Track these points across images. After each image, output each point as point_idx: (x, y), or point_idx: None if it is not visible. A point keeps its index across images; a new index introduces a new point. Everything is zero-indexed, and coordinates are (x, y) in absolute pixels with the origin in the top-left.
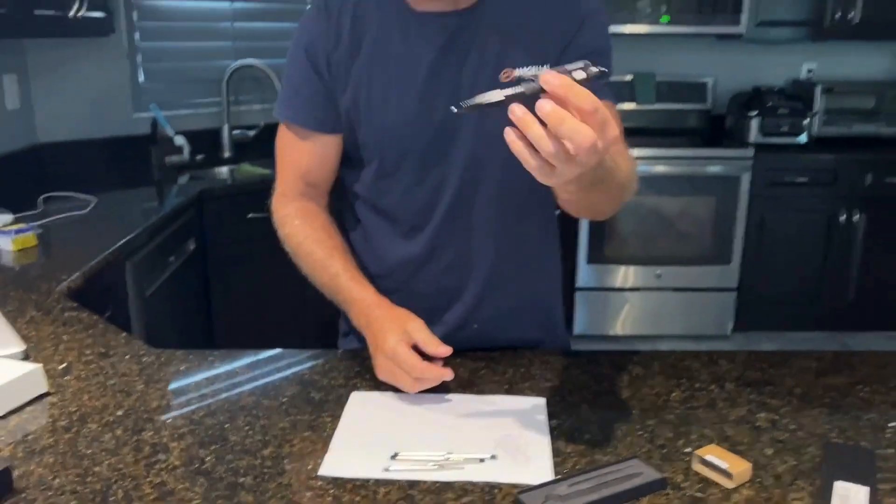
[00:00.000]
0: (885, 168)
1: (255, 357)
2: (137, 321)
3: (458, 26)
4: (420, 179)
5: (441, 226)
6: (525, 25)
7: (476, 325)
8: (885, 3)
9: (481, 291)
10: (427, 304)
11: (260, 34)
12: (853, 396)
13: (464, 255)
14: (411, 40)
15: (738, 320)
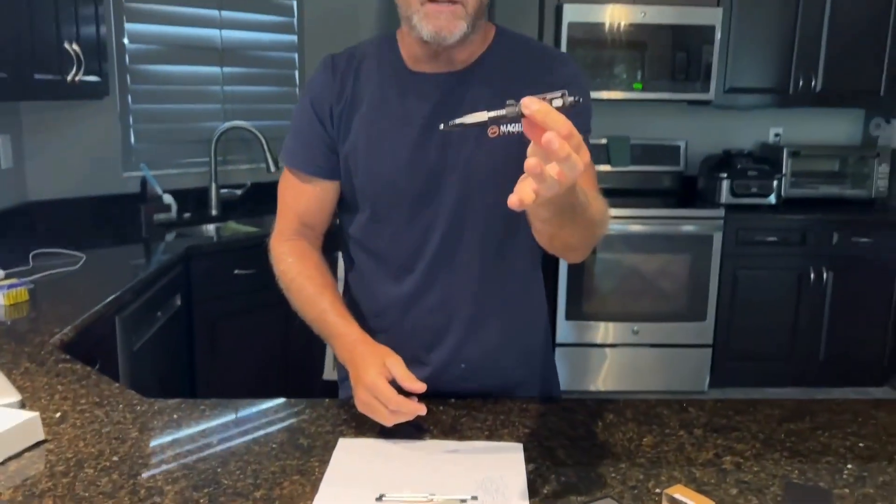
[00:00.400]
0: (851, 228)
1: (245, 406)
2: (125, 375)
3: (450, 85)
4: (409, 225)
5: (428, 268)
6: (511, 87)
7: (464, 365)
8: (844, 74)
9: (466, 331)
10: (415, 343)
11: (249, 97)
12: (813, 441)
13: (449, 296)
14: (408, 97)
15: (713, 376)
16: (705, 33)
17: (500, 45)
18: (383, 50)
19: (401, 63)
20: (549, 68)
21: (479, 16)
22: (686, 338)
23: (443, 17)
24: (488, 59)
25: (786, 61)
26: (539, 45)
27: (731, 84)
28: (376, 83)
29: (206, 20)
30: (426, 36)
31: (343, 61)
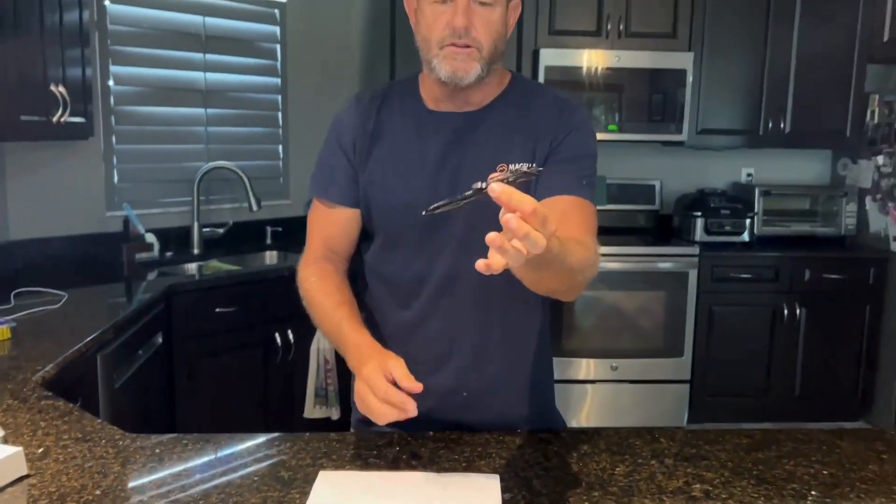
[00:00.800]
0: (823, 265)
1: (226, 440)
2: (105, 412)
3: (464, 125)
4: (417, 253)
5: (433, 296)
6: (521, 129)
7: (465, 394)
8: (811, 116)
9: (468, 360)
10: (420, 369)
11: (232, 138)
12: (779, 468)
13: (452, 324)
14: (424, 133)
15: (692, 412)
16: (677, 76)
17: (514, 90)
18: (406, 90)
19: (421, 103)
20: (559, 114)
21: (493, 60)
22: (664, 374)
23: (459, 59)
24: (502, 101)
25: (755, 103)
26: (552, 92)
27: (703, 125)
28: (397, 120)
29: (190, 63)
30: (444, 76)
31: (367, 99)
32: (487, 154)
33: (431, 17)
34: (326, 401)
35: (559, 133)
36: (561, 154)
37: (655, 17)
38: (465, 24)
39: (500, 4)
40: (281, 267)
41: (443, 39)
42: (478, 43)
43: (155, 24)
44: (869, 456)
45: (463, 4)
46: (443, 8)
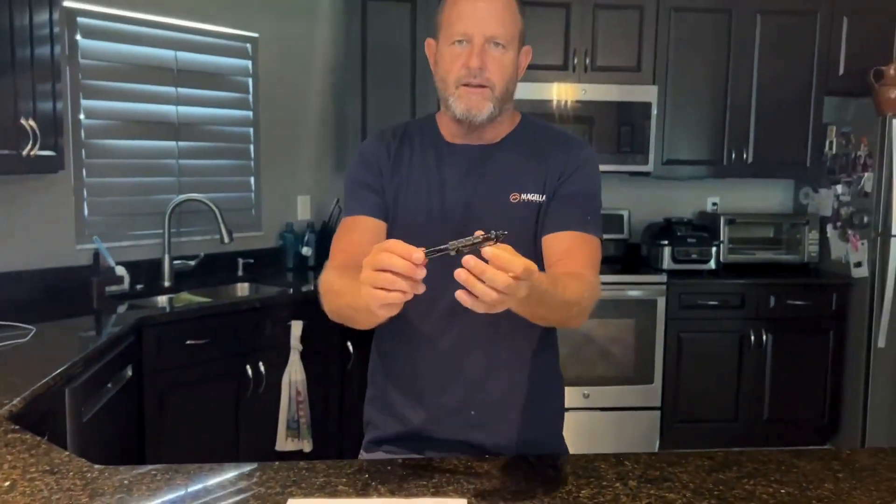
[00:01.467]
0: (787, 291)
1: (195, 471)
2: (73, 445)
3: (480, 156)
4: (431, 273)
5: (445, 315)
6: (533, 162)
7: (473, 412)
8: (772, 146)
9: (477, 378)
10: (430, 384)
11: (204, 171)
12: (739, 488)
13: (463, 344)
14: (442, 163)
15: (663, 438)
16: (643, 109)
17: (525, 128)
18: (425, 126)
19: (440, 137)
20: (568, 150)
21: (504, 100)
22: (635, 401)
23: (473, 98)
24: (514, 137)
25: (718, 135)
26: (560, 131)
27: (668, 156)
28: (418, 149)
29: (162, 97)
30: (459, 114)
31: (390, 132)
32: (502, 183)
33: (449, 59)
34: (298, 433)
35: (567, 169)
36: (568, 190)
37: (620, 52)
38: (480, 65)
39: (512, 48)
40: (252, 298)
41: (459, 79)
42: (491, 83)
43: (127, 59)
44: (826, 475)
45: (478, 46)
46: (460, 50)
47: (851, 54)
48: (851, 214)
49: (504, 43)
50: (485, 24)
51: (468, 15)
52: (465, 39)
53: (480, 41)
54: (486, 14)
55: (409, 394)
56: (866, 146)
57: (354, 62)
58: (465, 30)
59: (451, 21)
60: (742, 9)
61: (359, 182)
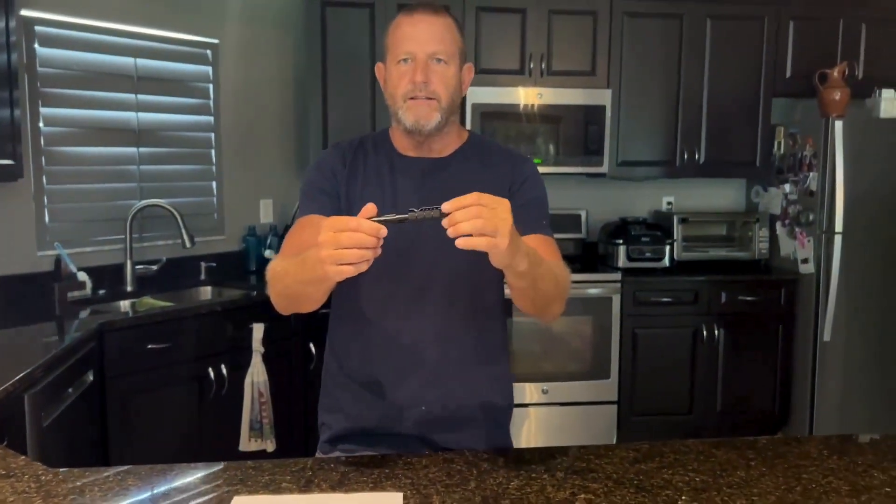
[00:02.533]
0: (738, 287)
1: (145, 471)
2: (33, 451)
3: (432, 168)
4: (387, 276)
5: (401, 313)
6: (482, 175)
7: (423, 408)
8: (723, 147)
9: (430, 375)
10: (385, 379)
11: (165, 176)
12: (657, 478)
13: (418, 341)
14: (396, 172)
15: (620, 432)
16: (597, 112)
17: (473, 144)
18: (378, 139)
19: (393, 149)
20: (513, 165)
21: (450, 111)
22: (592, 396)
23: (421, 109)
24: (463, 151)
25: (671, 136)
26: (504, 148)
27: (623, 158)
28: (372, 161)
29: (122, 103)
30: (408, 125)
31: (345, 144)
32: (454, 193)
33: (397, 76)
34: (261, 434)
35: (515, 181)
36: (521, 200)
37: (575, 56)
38: (424, 79)
39: (453, 63)
40: (214, 302)
41: (406, 94)
42: (436, 94)
43: (86, 66)
44: (739, 463)
45: (422, 62)
46: (405, 67)
47: (797, 57)
48: (798, 213)
49: (445, 59)
50: (426, 43)
51: (410, 36)
52: (410, 58)
53: (423, 58)
54: (427, 34)
55: (364, 392)
56: (812, 146)
57: (315, 67)
58: (409, 49)
59: (395, 42)
60: (693, 14)
61: (314, 187)
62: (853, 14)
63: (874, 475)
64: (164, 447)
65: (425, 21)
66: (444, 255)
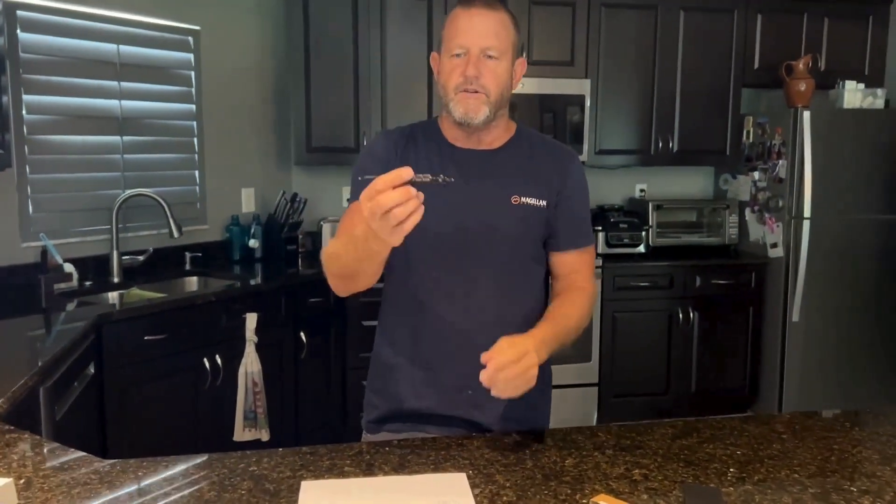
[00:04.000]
0: (711, 271)
1: (206, 458)
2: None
3: (483, 160)
4: (439, 265)
5: (451, 300)
6: (531, 168)
7: (470, 392)
8: (695, 136)
9: (478, 360)
10: (434, 362)
11: (149, 165)
12: (701, 452)
13: (466, 327)
14: (447, 162)
15: (600, 413)
16: (576, 101)
17: (521, 136)
18: (428, 129)
19: (443, 139)
20: (562, 162)
21: (499, 105)
22: (574, 378)
23: (471, 102)
24: (513, 144)
25: (646, 126)
26: (551, 141)
27: (600, 146)
28: (423, 150)
29: (105, 91)
30: (458, 116)
31: (397, 132)
32: (503, 185)
33: (449, 68)
34: (255, 423)
35: (564, 183)
36: (568, 205)
37: (555, 47)
38: (476, 74)
39: (506, 59)
40: (208, 293)
41: (457, 86)
42: (486, 89)
43: (69, 53)
44: (772, 437)
45: (474, 57)
46: (458, 61)
47: (765, 50)
48: (768, 199)
49: (497, 54)
50: (480, 38)
51: (465, 29)
52: (463, 52)
53: (476, 52)
54: (481, 28)
55: (413, 374)
56: (780, 135)
57: (297, 55)
58: (463, 43)
59: (450, 35)
60: (667, 5)
61: (365, 172)
62: (816, 9)
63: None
64: (161, 438)
65: (481, 15)
66: (495, 242)
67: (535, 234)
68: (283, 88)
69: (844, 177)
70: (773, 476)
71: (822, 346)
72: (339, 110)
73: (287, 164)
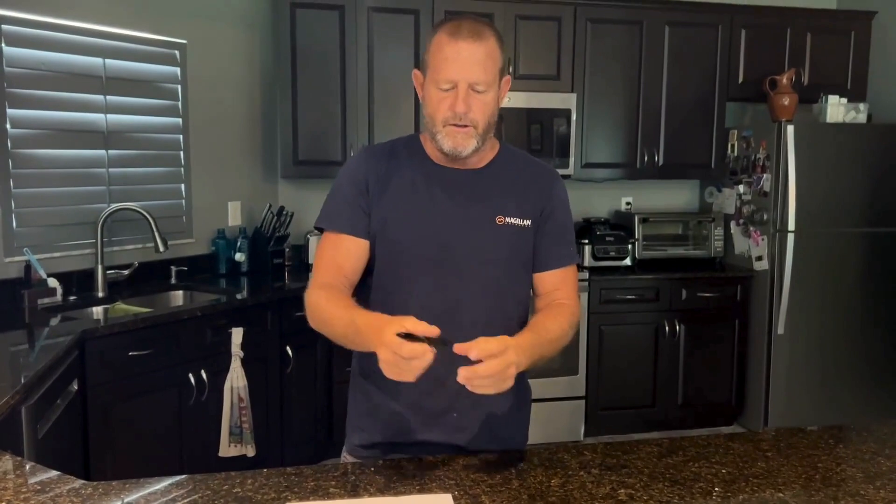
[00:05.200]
0: (697, 284)
1: (189, 479)
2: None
3: (467, 180)
4: (422, 285)
5: (437, 323)
6: (516, 189)
7: (455, 414)
8: (680, 150)
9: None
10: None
11: (135, 179)
12: (686, 471)
13: (452, 353)
14: (432, 182)
15: (588, 426)
16: (563, 115)
17: (505, 155)
18: (411, 147)
19: (427, 158)
20: (546, 183)
21: (487, 134)
22: (561, 391)
23: (459, 136)
24: (497, 163)
25: (632, 140)
26: (534, 160)
27: (586, 160)
28: (406, 169)
29: (91, 105)
30: (446, 150)
31: (378, 150)
32: (488, 207)
33: (436, 100)
34: (241, 438)
35: (547, 204)
36: (552, 225)
37: (541, 61)
38: (465, 110)
39: (493, 88)
40: (193, 307)
41: (446, 120)
42: (475, 122)
43: (53, 67)
44: (757, 455)
45: (463, 91)
46: (446, 94)
47: (749, 64)
48: (752, 212)
49: (486, 87)
50: (468, 72)
51: (453, 61)
52: (451, 86)
53: (465, 87)
54: (469, 62)
55: (397, 400)
56: (764, 149)
57: (284, 68)
58: (451, 77)
59: (437, 66)
60: (652, 21)
61: (346, 199)
62: (799, 24)
63: (881, 462)
64: (145, 455)
65: (469, 48)
66: (481, 264)
67: (521, 255)
68: (270, 102)
69: (828, 190)
70: (758, 495)
71: (807, 359)
72: (326, 124)
73: (273, 177)
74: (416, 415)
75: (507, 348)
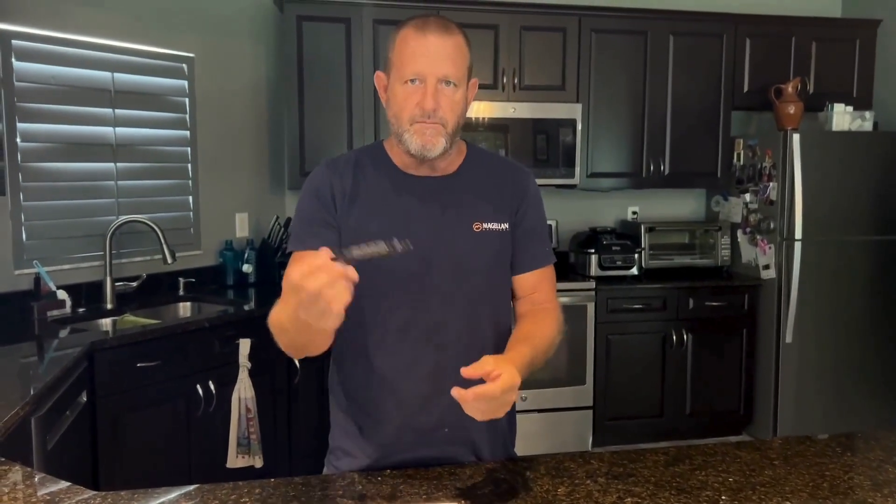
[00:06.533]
0: (704, 293)
1: (197, 489)
2: None
3: (439, 187)
4: (402, 301)
5: (421, 341)
6: (490, 192)
7: (447, 430)
8: (686, 159)
9: (452, 401)
10: (407, 409)
11: (143, 191)
12: (693, 479)
13: (439, 367)
14: (402, 192)
15: (595, 436)
16: (568, 125)
17: (474, 157)
18: (376, 155)
19: (394, 167)
20: (516, 180)
21: (455, 134)
22: (569, 401)
23: (428, 133)
24: (466, 168)
25: (637, 149)
26: (503, 159)
27: (592, 169)
28: (373, 180)
29: (100, 118)
30: (413, 150)
31: (342, 162)
32: (463, 213)
33: (403, 97)
34: (249, 449)
35: (522, 202)
36: (527, 225)
37: (546, 72)
38: (434, 106)
39: (462, 85)
40: (201, 318)
41: (413, 117)
42: (444, 120)
43: (63, 81)
44: (764, 463)
45: (432, 86)
46: (413, 89)
47: (754, 73)
48: (759, 221)
49: (455, 81)
50: (437, 65)
51: (421, 54)
52: (418, 79)
53: (433, 82)
54: (438, 54)
55: (387, 420)
56: (770, 158)
57: (291, 81)
58: (418, 70)
59: (402, 60)
60: (656, 30)
61: (310, 217)
62: (804, 32)
63: (888, 470)
64: (153, 466)
65: (437, 40)
66: (462, 274)
67: (502, 262)
68: (277, 113)
69: (835, 198)
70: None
71: (815, 367)
72: (333, 135)
73: (281, 188)
74: (406, 434)
75: (514, 385)
